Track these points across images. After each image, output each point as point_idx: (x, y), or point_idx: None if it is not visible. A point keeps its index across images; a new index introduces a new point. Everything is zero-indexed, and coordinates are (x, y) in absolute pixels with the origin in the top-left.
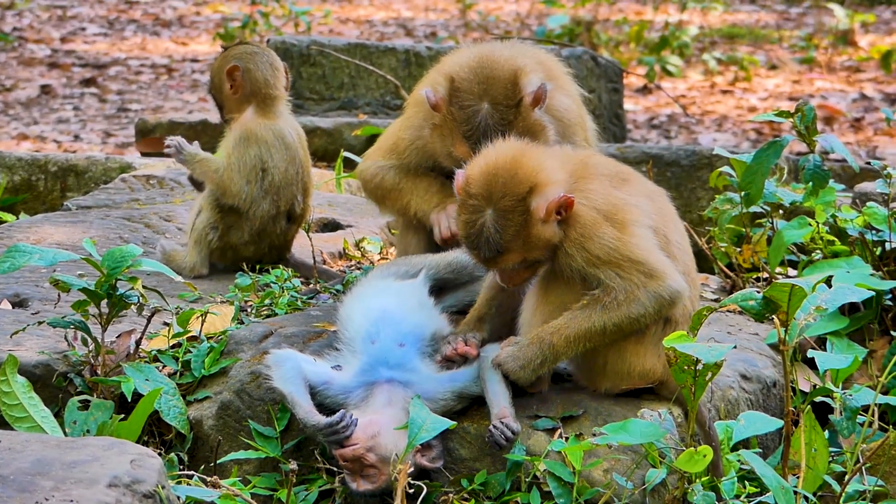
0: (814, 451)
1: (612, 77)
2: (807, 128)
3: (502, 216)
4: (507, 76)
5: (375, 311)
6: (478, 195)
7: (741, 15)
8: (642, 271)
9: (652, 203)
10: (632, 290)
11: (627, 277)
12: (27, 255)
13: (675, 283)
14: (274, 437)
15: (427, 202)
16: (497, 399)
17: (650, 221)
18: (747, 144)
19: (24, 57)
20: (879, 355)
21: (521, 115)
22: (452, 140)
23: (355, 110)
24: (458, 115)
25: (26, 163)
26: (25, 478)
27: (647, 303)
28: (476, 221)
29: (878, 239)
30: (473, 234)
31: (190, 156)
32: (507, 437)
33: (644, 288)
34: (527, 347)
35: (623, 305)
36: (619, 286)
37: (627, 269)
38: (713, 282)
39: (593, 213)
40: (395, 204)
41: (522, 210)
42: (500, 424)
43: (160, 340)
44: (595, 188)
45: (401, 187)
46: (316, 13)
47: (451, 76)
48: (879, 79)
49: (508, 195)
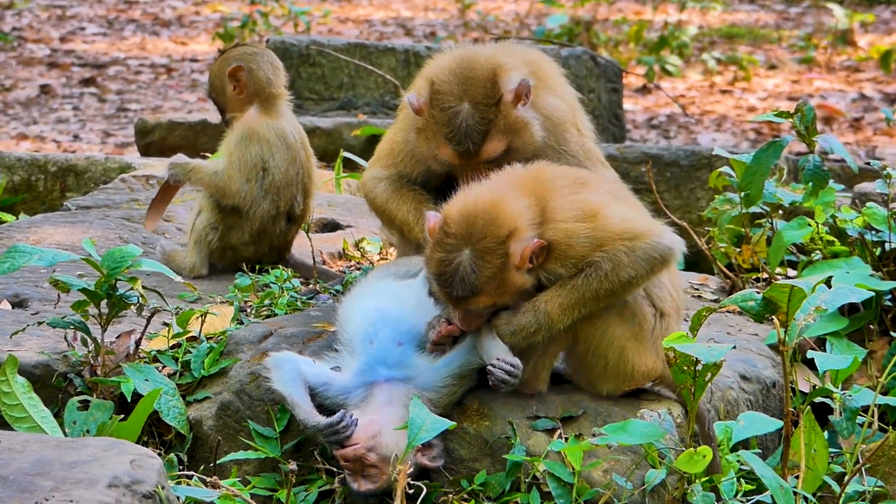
0: (813, 451)
1: (611, 77)
2: (806, 128)
3: (480, 257)
4: (485, 75)
5: (374, 312)
6: (456, 234)
7: (740, 15)
8: (624, 238)
9: (614, 197)
10: (617, 257)
11: (610, 249)
12: (27, 255)
13: (663, 239)
14: (273, 438)
15: (417, 225)
16: (493, 351)
17: (611, 197)
18: (746, 144)
19: (24, 57)
20: (879, 356)
21: (502, 113)
22: (436, 143)
23: (355, 110)
24: (439, 117)
25: (26, 163)
26: (25, 478)
27: (637, 264)
28: (452, 261)
29: (877, 239)
30: (448, 273)
31: (181, 167)
32: (507, 371)
33: (631, 252)
34: (521, 315)
35: (612, 273)
36: (604, 258)
37: (610, 243)
38: (713, 282)
39: (565, 226)
40: (388, 222)
41: (501, 253)
42: (497, 362)
43: (160, 341)
44: (559, 205)
45: (389, 206)
46: (315, 13)
47: (431, 79)
48: (879, 78)
49: (489, 237)
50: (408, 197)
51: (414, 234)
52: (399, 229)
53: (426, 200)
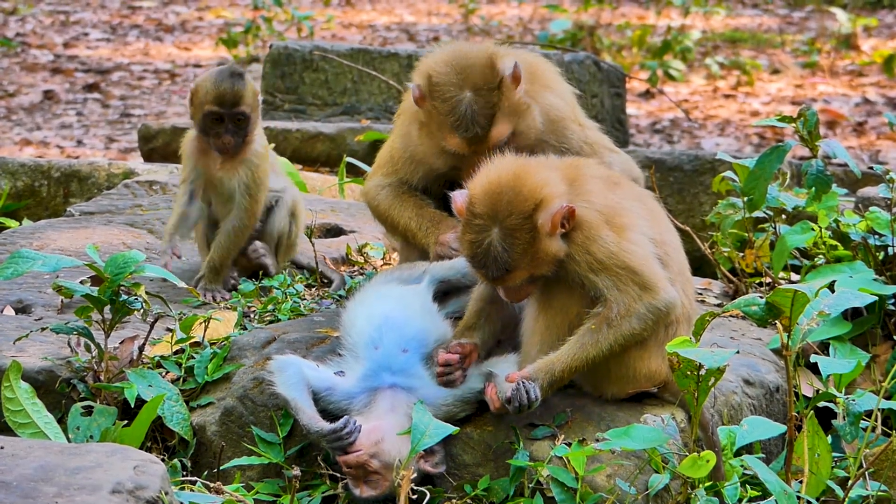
0: (817, 456)
1: (614, 82)
2: (809, 132)
3: (510, 234)
4: (483, 62)
5: (378, 317)
6: (483, 214)
7: (743, 19)
8: (638, 283)
9: (643, 206)
10: (630, 304)
11: (624, 289)
12: (30, 261)
13: (668, 295)
14: (277, 443)
15: (420, 231)
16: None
17: (645, 225)
18: (750, 149)
19: (27, 62)
20: (882, 360)
21: (505, 95)
22: (442, 134)
23: (358, 115)
24: (441, 107)
25: (29, 168)
26: (29, 484)
27: (646, 315)
28: (483, 241)
29: (880, 244)
30: (480, 254)
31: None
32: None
33: (641, 301)
34: (533, 383)
35: (624, 320)
36: (617, 298)
37: (624, 280)
38: (716, 287)
39: (595, 214)
40: (392, 229)
41: (530, 227)
42: (521, 384)
43: (163, 346)
44: (593, 189)
45: (392, 213)
46: (318, 18)
47: (427, 73)
48: (882, 83)
49: (515, 213)
50: (409, 203)
51: (417, 239)
52: (402, 236)
53: (428, 206)
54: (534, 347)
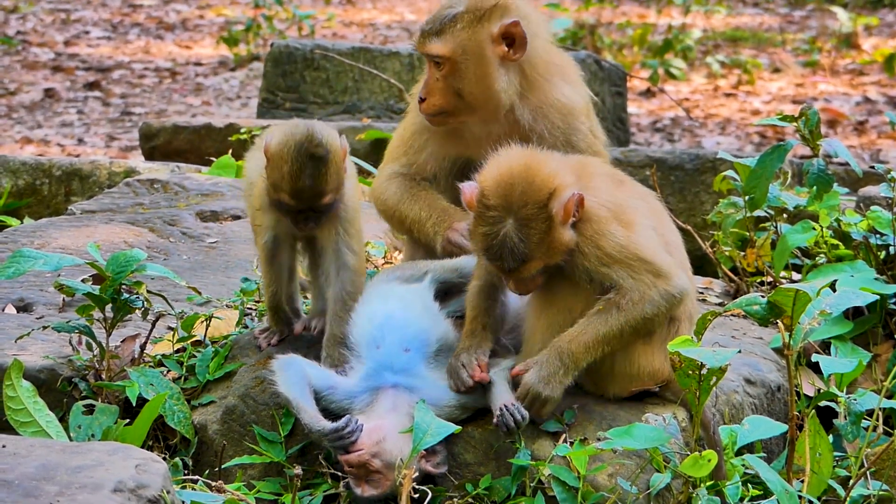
0: (818, 455)
1: (615, 80)
2: (810, 131)
3: (525, 224)
4: None
5: (380, 316)
6: (496, 206)
7: (744, 18)
8: (651, 271)
9: (646, 203)
10: (645, 291)
11: (639, 278)
12: (32, 259)
13: (681, 282)
14: (278, 442)
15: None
16: (501, 397)
17: (650, 222)
18: (751, 148)
19: (28, 60)
20: (884, 359)
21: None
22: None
23: (359, 114)
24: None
25: (30, 167)
26: (30, 483)
27: (661, 302)
28: (498, 232)
29: (882, 243)
30: (496, 246)
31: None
32: (516, 421)
33: (655, 287)
34: (546, 364)
35: (638, 305)
36: (632, 286)
37: (638, 269)
38: (717, 286)
39: (603, 209)
40: (399, 223)
41: (545, 217)
42: (510, 406)
43: (165, 345)
44: (600, 185)
45: (401, 206)
46: (319, 17)
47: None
48: (883, 82)
49: (530, 203)
50: (420, 195)
51: (425, 231)
52: (409, 229)
53: (438, 198)
54: (535, 346)
